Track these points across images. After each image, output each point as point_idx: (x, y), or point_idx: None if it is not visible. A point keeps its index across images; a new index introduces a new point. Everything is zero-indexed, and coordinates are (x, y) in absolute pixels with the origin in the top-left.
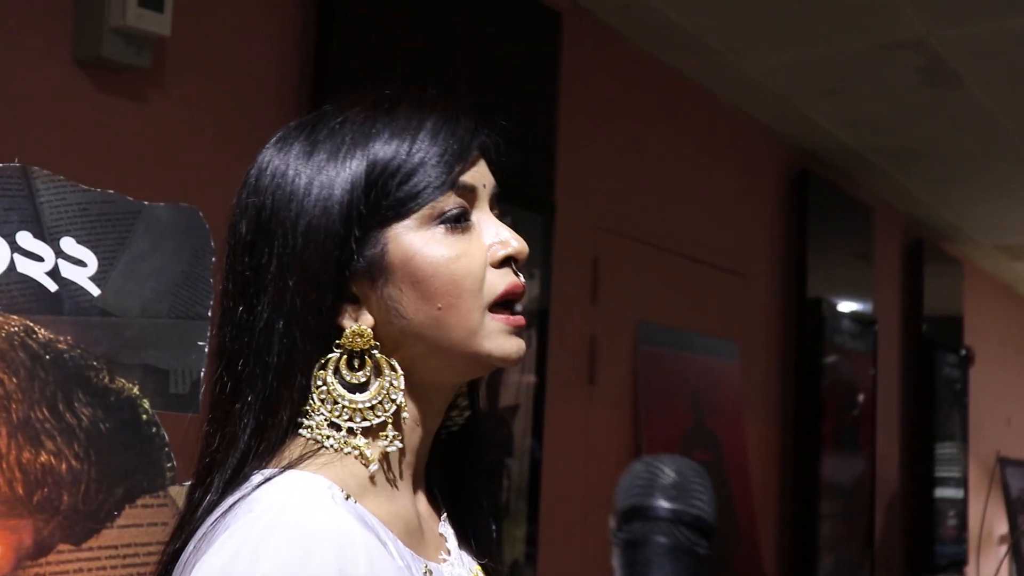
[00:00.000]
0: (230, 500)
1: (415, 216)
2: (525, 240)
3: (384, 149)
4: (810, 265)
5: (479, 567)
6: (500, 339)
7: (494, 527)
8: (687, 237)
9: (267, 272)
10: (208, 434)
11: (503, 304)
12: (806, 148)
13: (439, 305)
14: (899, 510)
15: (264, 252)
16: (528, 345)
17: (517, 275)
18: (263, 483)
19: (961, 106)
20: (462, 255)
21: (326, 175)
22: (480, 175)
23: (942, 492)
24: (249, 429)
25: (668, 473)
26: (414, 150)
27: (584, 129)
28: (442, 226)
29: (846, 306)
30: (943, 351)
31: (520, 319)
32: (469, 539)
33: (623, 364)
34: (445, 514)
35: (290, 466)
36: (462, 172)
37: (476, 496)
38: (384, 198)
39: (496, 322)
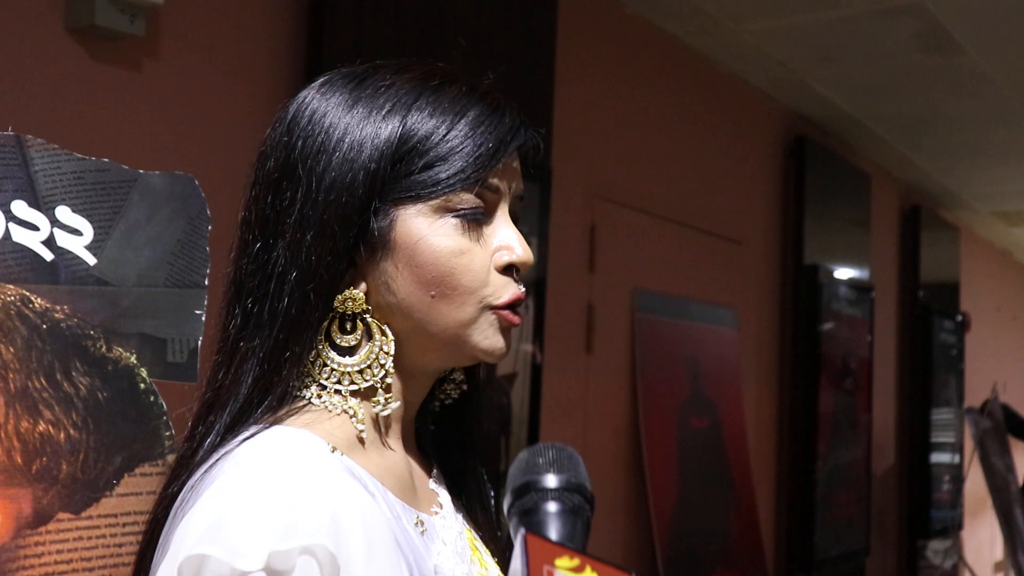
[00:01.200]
0: (216, 455)
1: (430, 202)
2: (523, 211)
3: (421, 125)
4: (807, 232)
5: (469, 530)
6: (490, 332)
7: (490, 495)
8: (684, 204)
9: (287, 217)
10: (216, 364)
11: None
12: (803, 115)
13: (432, 293)
14: (895, 475)
15: (287, 196)
16: (525, 314)
17: (518, 282)
18: (248, 438)
19: (958, 72)
20: (466, 251)
21: (359, 133)
22: (508, 177)
23: (938, 457)
24: (252, 376)
25: (550, 453)
26: (449, 136)
27: (581, 96)
28: (453, 218)
29: (843, 273)
30: (939, 317)
31: (517, 319)
32: (464, 504)
33: (620, 332)
34: (436, 471)
35: (276, 422)
36: (490, 173)
37: (468, 470)
38: (406, 176)
39: (493, 315)
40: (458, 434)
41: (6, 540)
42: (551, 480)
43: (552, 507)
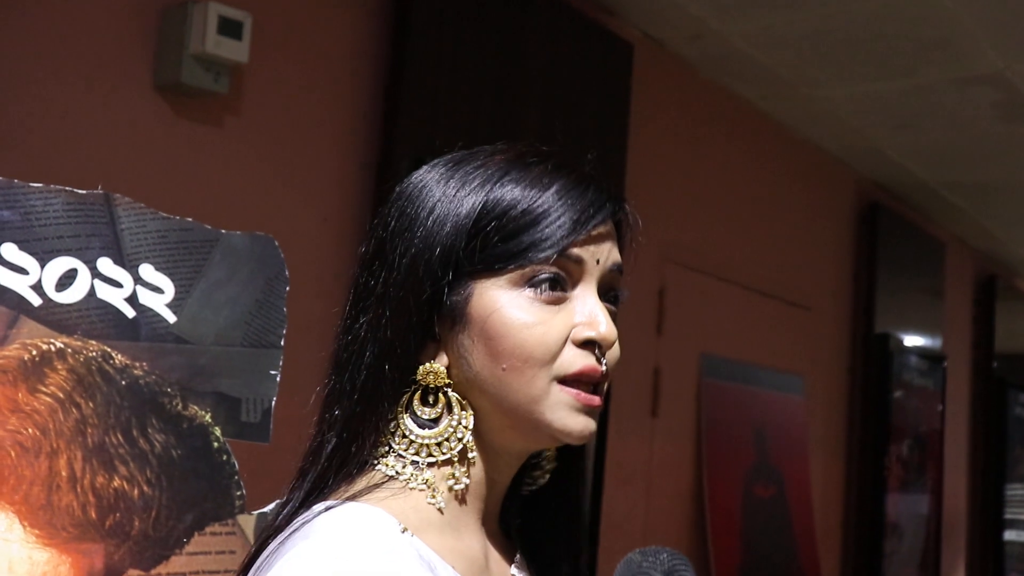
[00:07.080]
0: (293, 525)
1: (507, 275)
2: None
3: (504, 197)
4: (878, 300)
5: None
6: (563, 412)
7: None
8: (754, 269)
9: (372, 295)
10: (312, 432)
11: (578, 382)
12: (877, 181)
13: (503, 366)
14: (965, 551)
15: (375, 273)
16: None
17: (599, 360)
18: (324, 512)
19: None
20: (539, 324)
21: (444, 208)
22: (596, 250)
23: (1011, 535)
24: (331, 445)
25: (662, 560)
26: (531, 208)
27: (653, 159)
28: (530, 290)
29: (914, 342)
30: (1014, 390)
31: (593, 399)
32: None
33: (686, 397)
34: (519, 557)
35: (352, 497)
36: (571, 244)
37: (558, 560)
38: (483, 249)
39: (564, 394)
40: (550, 522)
41: None
42: None
43: None
